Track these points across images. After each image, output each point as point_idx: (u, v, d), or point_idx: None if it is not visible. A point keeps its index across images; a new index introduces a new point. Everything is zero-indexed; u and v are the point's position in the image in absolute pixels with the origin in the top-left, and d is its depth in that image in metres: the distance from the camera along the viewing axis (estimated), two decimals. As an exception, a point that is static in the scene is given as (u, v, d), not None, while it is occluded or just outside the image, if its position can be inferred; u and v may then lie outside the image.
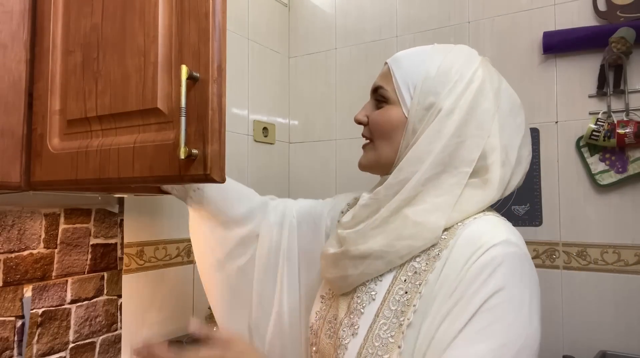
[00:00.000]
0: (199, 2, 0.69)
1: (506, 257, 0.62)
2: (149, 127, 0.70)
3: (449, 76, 0.71)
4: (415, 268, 0.67)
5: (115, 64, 0.73)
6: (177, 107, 0.65)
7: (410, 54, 0.77)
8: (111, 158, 0.72)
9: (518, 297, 0.61)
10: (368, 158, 0.78)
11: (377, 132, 0.75)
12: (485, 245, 0.62)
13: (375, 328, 0.67)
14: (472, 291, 0.60)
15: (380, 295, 0.69)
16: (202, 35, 0.68)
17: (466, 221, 0.68)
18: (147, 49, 0.71)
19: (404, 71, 0.74)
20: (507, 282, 0.61)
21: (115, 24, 0.74)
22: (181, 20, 0.69)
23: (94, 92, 0.75)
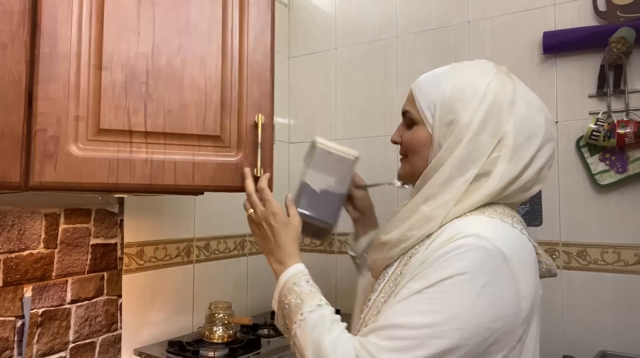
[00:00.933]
0: (261, 71, 1.03)
1: (471, 247, 0.68)
2: (205, 148, 0.98)
3: (464, 93, 0.78)
4: (410, 253, 0.79)
5: (171, 93, 0.95)
6: (237, 138, 1.01)
7: (429, 77, 0.86)
8: (166, 168, 0.93)
9: (469, 282, 0.66)
10: (404, 170, 0.91)
11: (409, 149, 0.87)
12: (457, 236, 0.70)
13: (376, 301, 0.81)
14: (431, 270, 0.69)
15: (387, 276, 0.83)
16: (263, 95, 1.03)
17: (462, 217, 0.75)
18: (209, 90, 0.98)
19: (425, 94, 0.84)
20: (465, 269, 0.67)
21: (171, 62, 0.95)
22: (240, 77, 1.02)
23: (142, 111, 0.92)
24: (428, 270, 0.70)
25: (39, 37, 0.85)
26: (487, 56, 1.63)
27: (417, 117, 0.84)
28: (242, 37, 1.02)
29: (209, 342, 1.42)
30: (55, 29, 0.86)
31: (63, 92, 0.86)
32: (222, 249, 1.73)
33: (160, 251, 1.49)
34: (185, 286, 1.58)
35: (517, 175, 0.76)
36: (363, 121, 1.90)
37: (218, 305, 1.48)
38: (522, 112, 0.77)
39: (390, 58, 1.84)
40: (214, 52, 0.99)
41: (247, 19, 1.03)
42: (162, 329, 1.49)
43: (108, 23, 0.90)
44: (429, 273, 0.69)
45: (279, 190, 2.02)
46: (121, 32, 0.91)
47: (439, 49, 1.73)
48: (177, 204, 1.55)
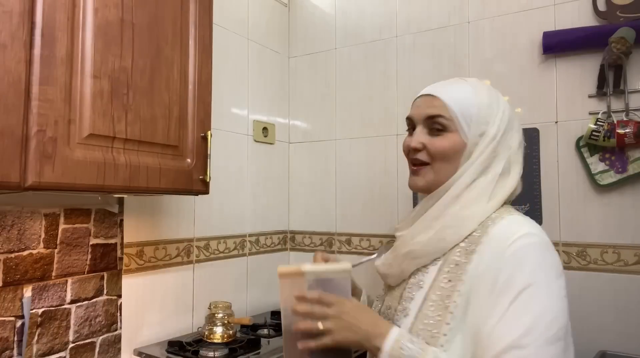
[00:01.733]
0: (204, 94, 1.22)
1: (529, 247, 0.76)
2: (165, 155, 1.12)
3: (492, 108, 0.87)
4: (455, 260, 0.82)
5: (145, 106, 1.06)
6: (188, 148, 1.18)
7: (458, 89, 0.89)
8: (141, 172, 1.04)
9: (544, 282, 0.74)
10: (427, 180, 0.88)
11: (439, 156, 0.86)
12: (512, 237, 0.77)
13: (424, 309, 0.82)
14: (505, 284, 0.74)
15: (427, 284, 0.84)
16: (206, 114, 1.23)
17: (495, 220, 0.82)
18: (171, 106, 1.13)
19: (459, 103, 0.86)
20: (534, 274, 0.74)
21: (144, 77, 1.06)
22: (193, 97, 1.19)
23: (123, 119, 1.01)
24: (505, 278, 0.74)
25: (38, 39, 0.85)
26: (487, 56, 1.64)
27: (450, 124, 0.85)
28: (195, 63, 1.18)
29: (209, 342, 1.42)
30: (54, 33, 0.88)
31: (60, 95, 0.89)
32: (222, 249, 1.73)
33: (160, 251, 1.49)
34: (185, 286, 1.58)
35: (519, 171, 0.88)
36: (363, 121, 1.90)
37: (218, 305, 1.48)
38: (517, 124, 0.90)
39: (390, 58, 1.84)
40: (175, 75, 1.14)
41: (197, 47, 1.19)
42: (162, 329, 1.49)
43: (97, 35, 0.96)
44: (507, 281, 0.74)
45: (279, 192, 2.03)
46: (108, 45, 0.98)
47: (438, 49, 1.73)
48: (177, 204, 1.55)
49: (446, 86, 0.89)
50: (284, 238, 2.06)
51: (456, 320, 0.77)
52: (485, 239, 0.80)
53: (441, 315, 0.79)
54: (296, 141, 2.09)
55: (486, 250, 0.79)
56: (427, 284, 0.84)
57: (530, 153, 1.53)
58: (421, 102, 0.90)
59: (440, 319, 0.79)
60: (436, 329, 0.78)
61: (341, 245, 1.93)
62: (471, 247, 0.81)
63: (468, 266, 0.79)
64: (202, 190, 1.20)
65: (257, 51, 1.93)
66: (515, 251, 0.76)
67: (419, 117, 0.89)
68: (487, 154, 0.85)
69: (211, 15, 1.24)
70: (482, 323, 0.74)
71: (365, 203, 1.87)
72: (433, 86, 0.90)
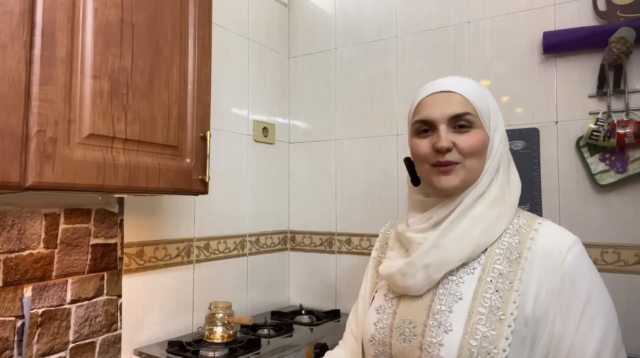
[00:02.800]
0: (203, 94, 1.21)
1: (582, 256, 0.78)
2: (164, 155, 1.12)
3: (495, 105, 0.89)
4: (498, 270, 0.79)
5: (144, 106, 1.06)
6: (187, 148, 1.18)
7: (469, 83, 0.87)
8: (140, 172, 1.04)
9: (598, 286, 0.78)
10: (462, 178, 0.83)
11: (471, 153, 0.83)
12: (563, 248, 0.77)
13: (472, 323, 0.75)
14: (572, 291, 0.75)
15: (467, 295, 0.79)
16: (205, 114, 1.22)
17: (533, 226, 0.82)
18: (170, 106, 1.13)
19: (479, 100, 0.85)
20: (592, 280, 0.77)
21: (144, 77, 1.06)
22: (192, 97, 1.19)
23: (123, 119, 1.01)
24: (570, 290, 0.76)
25: (39, 39, 0.85)
26: (487, 56, 1.64)
27: (476, 120, 0.83)
28: (194, 63, 1.19)
29: (209, 342, 1.42)
30: (54, 33, 0.88)
31: (60, 95, 0.89)
32: (222, 249, 1.73)
33: (160, 251, 1.49)
34: (185, 286, 1.58)
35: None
36: (363, 121, 1.90)
37: (218, 305, 1.48)
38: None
39: (390, 58, 1.84)
40: (174, 75, 1.13)
41: (196, 47, 1.19)
42: (162, 329, 1.49)
43: (97, 35, 0.96)
44: (573, 293, 0.75)
45: (279, 192, 2.03)
46: (107, 45, 0.98)
47: (439, 49, 1.73)
48: (177, 204, 1.55)
49: (460, 82, 0.86)
50: (284, 238, 2.06)
51: (515, 334, 0.73)
52: (533, 245, 0.79)
53: (495, 328, 0.74)
54: (296, 141, 2.09)
55: (538, 258, 0.78)
56: (469, 296, 0.78)
57: (530, 153, 1.53)
58: (439, 101, 0.84)
59: (495, 334, 0.73)
60: (493, 345, 0.73)
61: (341, 244, 1.93)
62: (513, 255, 0.79)
63: (522, 275, 0.77)
64: (201, 190, 1.20)
65: (257, 51, 1.93)
66: (573, 260, 0.77)
67: (442, 116, 0.83)
68: (500, 149, 0.85)
69: (210, 16, 1.24)
70: (558, 334, 0.75)
71: (365, 203, 1.87)
72: (443, 82, 0.86)
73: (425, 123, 0.85)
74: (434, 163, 0.83)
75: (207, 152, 1.20)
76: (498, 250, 0.80)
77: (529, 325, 0.75)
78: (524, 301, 0.75)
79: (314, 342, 1.50)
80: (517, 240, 0.80)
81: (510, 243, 0.81)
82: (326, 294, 1.96)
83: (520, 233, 0.81)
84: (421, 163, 0.86)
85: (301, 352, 1.45)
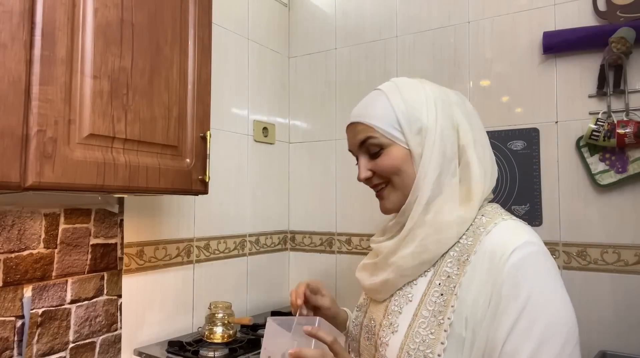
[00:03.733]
0: (203, 94, 1.22)
1: (530, 257, 0.72)
2: (164, 155, 1.12)
3: (415, 101, 0.83)
4: (447, 272, 0.77)
5: (144, 106, 1.06)
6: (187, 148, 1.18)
7: (372, 103, 0.86)
8: (140, 172, 1.04)
9: (545, 292, 0.71)
10: (393, 200, 0.86)
11: (390, 173, 0.84)
12: (507, 251, 0.72)
13: (414, 326, 0.76)
14: (512, 292, 0.70)
15: (416, 297, 0.79)
16: (205, 114, 1.22)
17: (488, 226, 0.78)
18: (170, 106, 1.13)
19: (380, 117, 0.84)
20: (535, 284, 0.70)
21: (144, 77, 1.06)
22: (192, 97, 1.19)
23: (123, 120, 1.01)
24: (507, 295, 0.70)
25: (39, 39, 0.85)
26: (487, 56, 1.64)
27: (384, 140, 0.83)
28: (194, 63, 1.18)
29: (209, 342, 1.42)
30: (54, 33, 0.88)
31: (60, 95, 0.89)
32: (222, 249, 1.73)
33: (160, 251, 1.49)
34: (185, 286, 1.58)
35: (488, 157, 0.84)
36: (363, 121, 1.90)
37: (218, 305, 1.48)
38: (454, 99, 0.86)
39: (390, 58, 1.84)
40: (174, 75, 1.13)
41: (196, 47, 1.19)
42: (162, 329, 1.49)
43: (97, 35, 0.96)
44: (510, 298, 0.70)
45: (279, 192, 2.02)
46: (107, 45, 0.98)
47: (439, 49, 1.73)
48: (177, 204, 1.55)
49: (362, 107, 0.87)
50: (284, 238, 2.06)
51: (452, 338, 0.72)
52: (479, 248, 0.75)
53: (434, 333, 0.74)
54: (296, 141, 2.09)
55: (481, 261, 0.74)
56: (417, 298, 0.78)
57: (530, 153, 1.53)
58: (349, 133, 0.89)
59: (433, 338, 0.73)
60: (430, 349, 0.73)
61: (341, 244, 1.93)
62: (463, 257, 0.77)
63: (462, 278, 0.75)
64: (201, 190, 1.20)
65: (257, 51, 1.93)
66: (516, 262, 0.71)
67: (354, 147, 0.88)
68: (438, 145, 0.81)
69: (210, 16, 1.24)
70: (490, 341, 0.70)
71: (365, 203, 1.87)
72: (353, 113, 0.88)
73: (353, 154, 0.90)
74: (371, 187, 0.89)
75: (207, 152, 1.20)
76: (453, 252, 0.78)
77: (469, 328, 0.73)
78: (462, 305, 0.73)
79: (314, 342, 1.50)
80: (471, 240, 0.77)
81: (464, 244, 0.78)
82: (326, 294, 1.96)
83: (475, 234, 0.78)
84: None
85: (301, 352, 1.45)
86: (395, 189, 0.85)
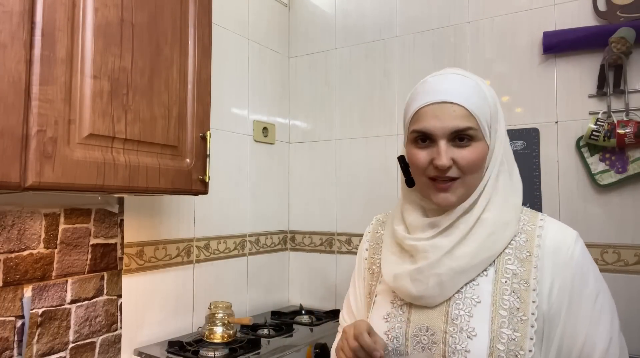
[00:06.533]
0: (203, 94, 1.21)
1: (584, 250, 0.81)
2: (164, 155, 1.12)
3: (495, 104, 0.83)
4: (511, 270, 0.78)
5: (144, 106, 1.06)
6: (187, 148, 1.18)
7: (471, 90, 0.80)
8: (140, 172, 1.04)
9: (600, 276, 0.81)
10: (459, 195, 0.80)
11: (471, 169, 0.79)
12: (570, 244, 0.80)
13: (496, 327, 0.75)
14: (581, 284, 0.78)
15: (485, 298, 0.77)
16: (205, 114, 1.22)
17: (537, 223, 0.82)
18: (170, 106, 1.13)
19: (482, 110, 0.79)
20: (596, 274, 0.81)
21: (144, 77, 1.06)
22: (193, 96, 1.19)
23: (123, 119, 1.01)
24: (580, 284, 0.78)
25: (39, 39, 0.85)
26: (487, 56, 1.64)
27: (478, 133, 0.78)
28: (194, 63, 1.19)
29: (209, 342, 1.42)
30: (54, 33, 0.88)
31: (60, 95, 0.89)
32: (222, 249, 1.73)
33: (160, 251, 1.49)
34: (185, 286, 1.58)
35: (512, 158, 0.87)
36: (363, 121, 1.90)
37: (218, 305, 1.48)
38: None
39: (390, 58, 1.84)
40: (174, 75, 1.14)
41: (196, 47, 1.19)
42: (162, 329, 1.49)
43: (97, 35, 0.96)
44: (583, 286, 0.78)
45: (279, 192, 2.02)
46: (107, 45, 0.98)
47: (438, 49, 1.73)
48: (177, 204, 1.55)
49: (458, 88, 0.79)
50: (284, 238, 2.06)
51: (538, 332, 0.75)
52: (541, 243, 0.80)
53: (519, 330, 0.74)
54: (296, 141, 2.09)
55: (548, 256, 0.79)
56: (487, 299, 0.77)
57: (530, 153, 1.53)
58: (440, 113, 0.77)
59: (520, 335, 0.73)
60: (519, 347, 0.73)
61: (341, 244, 1.93)
62: (523, 254, 0.79)
63: (532, 275, 0.77)
64: (201, 190, 1.20)
65: (257, 51, 1.93)
66: (579, 254, 0.79)
67: (442, 131, 0.77)
68: (501, 150, 0.83)
69: (210, 16, 1.24)
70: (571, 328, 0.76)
71: (365, 203, 1.87)
72: (444, 88, 0.79)
73: (424, 134, 0.79)
74: (431, 176, 0.80)
75: (207, 152, 1.20)
76: (508, 250, 0.80)
77: (545, 321, 0.76)
78: (540, 299, 0.76)
79: (314, 342, 1.51)
80: (524, 238, 0.81)
81: (518, 241, 0.81)
82: (326, 294, 1.96)
83: (526, 231, 0.81)
84: (419, 173, 0.82)
85: (301, 352, 1.45)
86: (465, 184, 0.79)
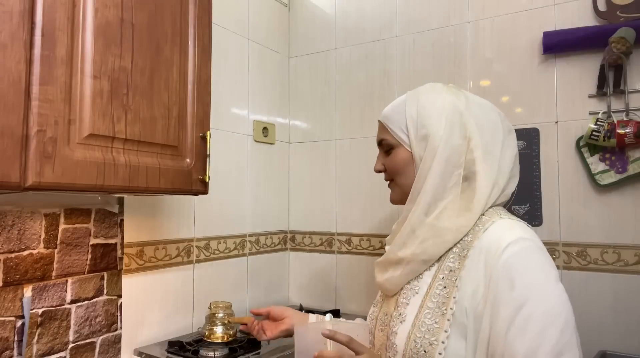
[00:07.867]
0: (203, 94, 1.21)
1: (522, 253, 0.77)
2: (164, 155, 1.12)
3: (427, 109, 0.91)
4: (450, 267, 0.84)
5: (144, 106, 1.06)
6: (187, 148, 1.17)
7: (393, 107, 0.97)
8: (140, 172, 1.04)
9: (540, 284, 0.75)
10: (395, 194, 0.98)
11: (394, 172, 0.95)
12: (501, 246, 0.78)
13: (420, 316, 0.83)
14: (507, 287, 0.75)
15: (422, 290, 0.86)
16: (205, 114, 1.22)
17: (486, 224, 0.84)
18: (170, 106, 1.13)
19: (394, 120, 0.95)
20: (529, 276, 0.75)
21: (144, 77, 1.06)
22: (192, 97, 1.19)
23: (123, 119, 1.01)
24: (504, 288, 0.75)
25: (39, 39, 0.85)
26: (487, 56, 1.64)
27: (393, 141, 0.95)
28: (194, 63, 1.18)
29: (209, 342, 1.42)
30: (54, 33, 0.88)
31: (60, 95, 0.89)
32: (222, 249, 1.73)
33: (160, 251, 1.49)
34: (185, 286, 1.58)
35: (496, 171, 0.87)
36: (363, 121, 1.90)
37: (218, 305, 1.48)
38: (477, 111, 0.90)
39: (390, 58, 1.84)
40: (174, 75, 1.13)
41: (196, 47, 1.19)
42: (162, 329, 1.49)
43: (97, 35, 0.96)
44: (507, 290, 0.75)
45: (279, 192, 2.02)
46: (107, 45, 0.98)
47: (439, 49, 1.73)
48: (177, 204, 1.55)
49: (388, 108, 0.98)
50: (284, 238, 2.06)
51: (455, 327, 0.79)
52: (476, 244, 0.82)
53: (438, 322, 0.80)
54: (296, 141, 2.09)
55: (478, 256, 0.80)
56: (423, 290, 0.86)
57: (530, 153, 1.53)
58: (378, 129, 1.01)
59: (437, 327, 0.80)
60: (434, 337, 0.79)
61: (341, 244, 1.93)
62: (464, 252, 0.83)
63: (461, 272, 0.81)
64: (201, 190, 1.20)
65: (257, 51, 1.93)
66: (509, 257, 0.76)
67: (376, 143, 1.01)
68: (441, 153, 0.86)
69: (210, 16, 1.24)
70: (493, 331, 0.75)
71: (365, 203, 1.87)
72: (382, 112, 1.00)
73: None
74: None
75: (207, 152, 1.20)
76: (455, 249, 0.85)
77: (470, 318, 0.78)
78: (462, 296, 0.79)
79: (314, 342, 1.50)
80: (470, 237, 0.84)
81: (465, 240, 0.84)
82: (326, 294, 1.96)
83: (474, 231, 0.84)
84: None
85: (301, 352, 1.45)
86: (397, 186, 0.96)
